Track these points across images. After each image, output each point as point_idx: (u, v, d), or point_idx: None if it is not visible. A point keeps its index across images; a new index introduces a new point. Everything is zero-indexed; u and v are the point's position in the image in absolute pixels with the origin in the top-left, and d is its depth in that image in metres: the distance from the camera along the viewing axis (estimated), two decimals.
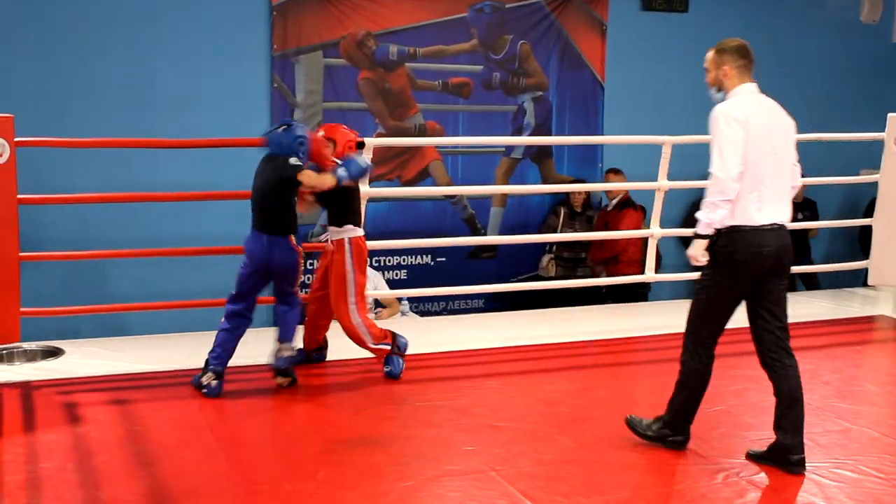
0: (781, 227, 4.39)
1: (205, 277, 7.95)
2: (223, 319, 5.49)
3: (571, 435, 4.79)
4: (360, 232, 5.78)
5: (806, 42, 10.11)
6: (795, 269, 8.27)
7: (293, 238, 5.43)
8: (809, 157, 9.69)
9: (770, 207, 4.36)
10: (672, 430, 4.58)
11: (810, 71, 10.13)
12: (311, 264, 8.52)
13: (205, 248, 7.23)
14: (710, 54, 4.56)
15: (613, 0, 9.23)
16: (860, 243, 9.59)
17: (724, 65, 4.49)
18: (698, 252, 4.37)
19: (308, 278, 7.83)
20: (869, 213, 9.35)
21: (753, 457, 4.51)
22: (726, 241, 4.33)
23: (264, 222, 5.43)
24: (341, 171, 5.36)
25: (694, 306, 4.53)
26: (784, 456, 4.36)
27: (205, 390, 5.34)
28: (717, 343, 4.50)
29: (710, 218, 4.27)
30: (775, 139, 4.42)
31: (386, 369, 5.72)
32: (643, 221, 8.73)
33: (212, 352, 5.43)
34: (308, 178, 5.29)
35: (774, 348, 4.45)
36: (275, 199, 5.41)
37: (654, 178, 7.46)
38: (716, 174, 4.24)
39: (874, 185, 8.19)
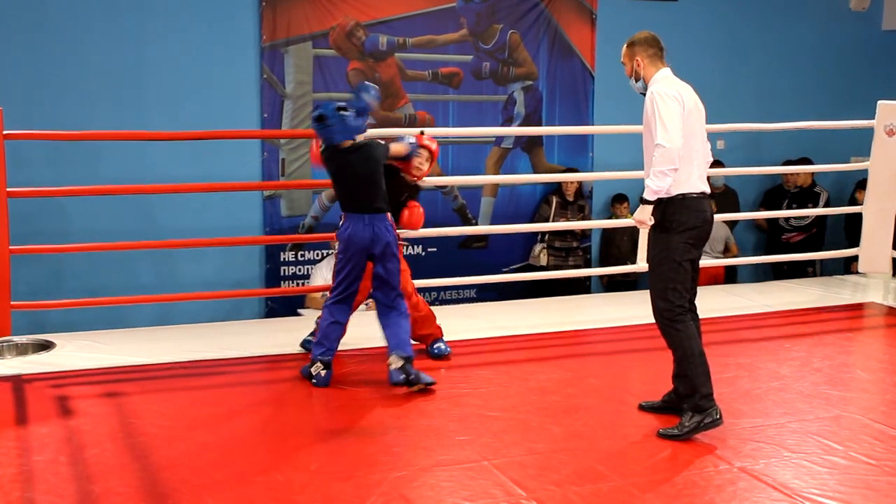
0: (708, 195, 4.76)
1: (196, 269, 7.97)
2: (326, 312, 5.47)
3: (563, 424, 4.80)
4: None
5: (796, 30, 10.12)
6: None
7: (390, 216, 5.49)
8: (800, 145, 9.80)
9: (703, 176, 4.74)
10: (702, 411, 4.60)
11: (800, 59, 10.15)
12: (302, 255, 8.52)
13: (197, 241, 7.23)
14: (624, 49, 4.86)
15: None
16: (845, 230, 9.62)
17: (637, 56, 4.79)
18: (646, 216, 4.68)
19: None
20: (854, 200, 9.40)
21: (648, 408, 4.95)
22: (678, 208, 4.62)
23: (370, 205, 5.41)
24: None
25: (658, 281, 4.69)
26: (680, 403, 4.75)
27: (314, 381, 5.37)
28: (687, 308, 4.67)
29: (659, 186, 4.57)
30: (700, 117, 4.76)
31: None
32: None
33: (318, 344, 5.43)
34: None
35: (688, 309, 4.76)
36: (380, 180, 5.47)
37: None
38: (663, 144, 4.52)
39: (861, 172, 8.23)
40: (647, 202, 4.64)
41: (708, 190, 4.74)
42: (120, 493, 3.95)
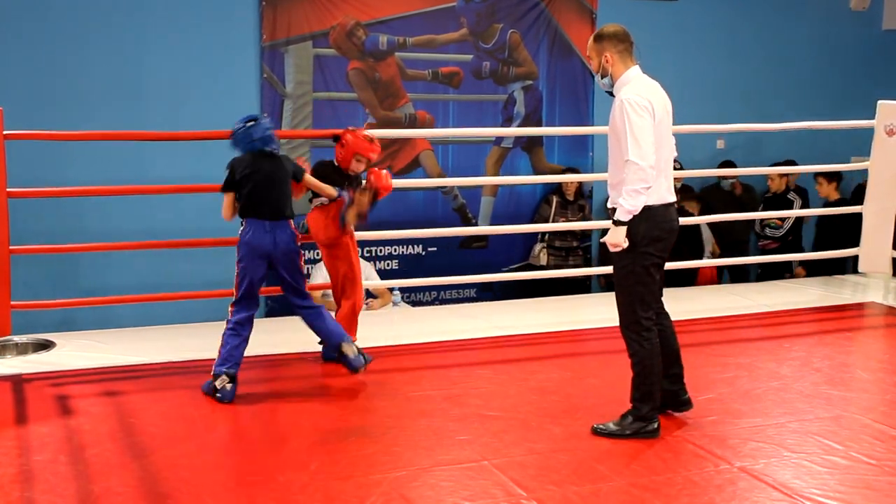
0: (675, 203, 4.66)
1: (195, 269, 7.95)
2: (230, 327, 5.30)
3: (563, 424, 4.80)
4: None
5: (795, 30, 10.12)
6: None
7: (292, 223, 5.55)
8: (799, 145, 9.80)
9: (670, 185, 4.61)
10: (647, 420, 4.61)
11: (800, 58, 10.15)
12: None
13: (195, 241, 7.22)
14: (590, 42, 4.67)
15: None
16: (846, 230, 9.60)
17: (606, 51, 4.59)
18: (620, 239, 4.44)
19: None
20: (854, 200, 9.38)
21: None
22: (642, 219, 4.43)
23: (273, 211, 5.46)
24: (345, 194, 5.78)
25: (625, 294, 4.60)
26: (675, 399, 4.83)
27: (219, 395, 5.12)
28: (654, 321, 4.64)
29: (633, 205, 4.38)
30: (668, 122, 4.59)
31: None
32: None
33: (222, 360, 5.22)
34: (311, 181, 5.75)
35: (658, 314, 4.73)
36: (284, 189, 5.54)
37: None
38: (636, 162, 4.32)
39: (860, 172, 8.23)
40: (621, 223, 4.41)
41: (674, 199, 4.61)
42: (120, 493, 3.95)
